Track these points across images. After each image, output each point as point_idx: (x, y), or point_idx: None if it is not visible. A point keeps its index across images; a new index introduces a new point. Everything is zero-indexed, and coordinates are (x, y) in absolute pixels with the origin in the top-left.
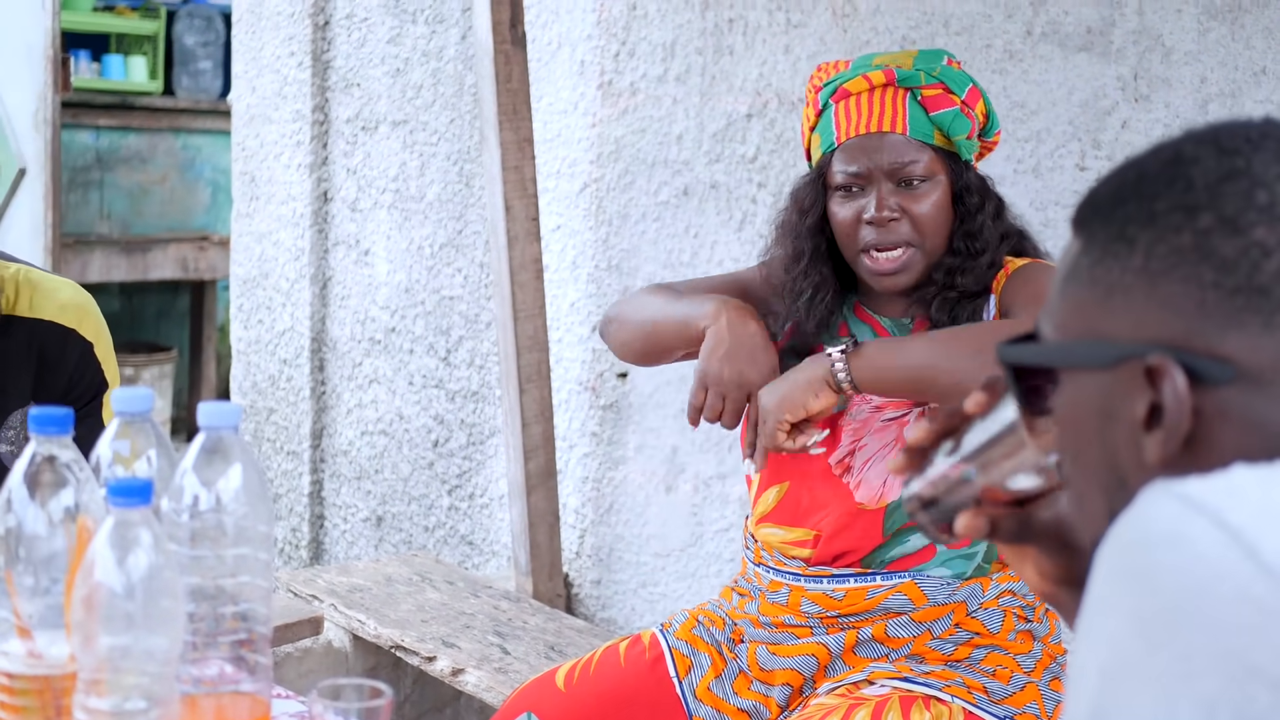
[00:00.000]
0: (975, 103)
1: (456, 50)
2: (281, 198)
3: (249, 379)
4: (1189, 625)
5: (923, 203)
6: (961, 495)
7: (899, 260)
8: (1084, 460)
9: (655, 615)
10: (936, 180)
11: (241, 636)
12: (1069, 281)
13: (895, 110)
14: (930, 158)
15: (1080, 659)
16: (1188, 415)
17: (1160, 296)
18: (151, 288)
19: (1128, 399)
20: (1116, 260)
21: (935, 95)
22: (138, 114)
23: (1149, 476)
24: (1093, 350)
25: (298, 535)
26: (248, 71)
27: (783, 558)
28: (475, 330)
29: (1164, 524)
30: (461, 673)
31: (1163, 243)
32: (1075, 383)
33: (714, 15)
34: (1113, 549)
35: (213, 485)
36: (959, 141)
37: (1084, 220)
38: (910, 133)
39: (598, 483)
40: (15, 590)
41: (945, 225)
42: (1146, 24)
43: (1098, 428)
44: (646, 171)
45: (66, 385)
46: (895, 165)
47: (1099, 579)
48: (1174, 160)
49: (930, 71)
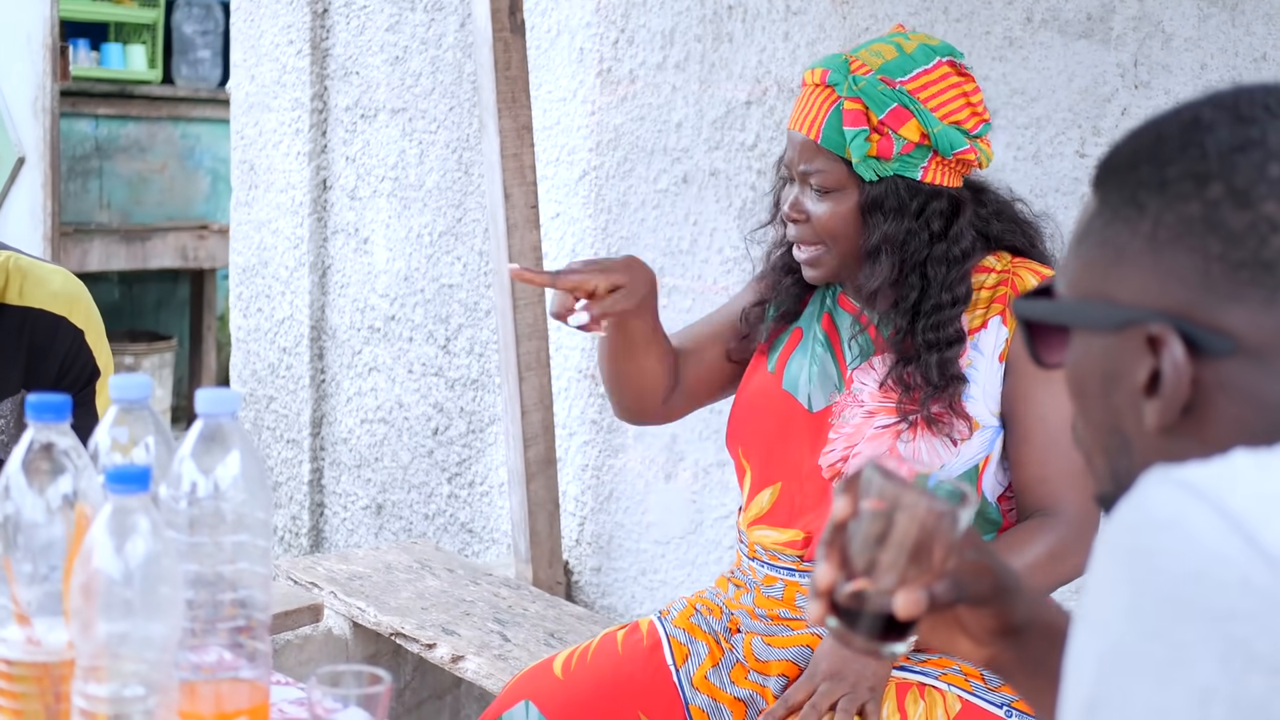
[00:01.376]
0: (899, 124)
1: (455, 38)
2: (281, 186)
3: (249, 367)
4: (1187, 613)
5: (822, 210)
6: (880, 598)
7: (809, 255)
8: (1090, 420)
9: (655, 602)
10: (844, 192)
11: (240, 623)
12: (1082, 241)
13: (817, 115)
14: (840, 170)
15: (1078, 646)
16: (1186, 385)
17: (1165, 265)
18: (151, 276)
19: (1131, 364)
20: (1126, 225)
21: (852, 110)
22: (137, 102)
23: (1150, 443)
24: (1099, 312)
25: (298, 523)
26: (246, 60)
27: (776, 552)
28: (474, 318)
29: (1163, 510)
30: (461, 660)
31: (1171, 211)
32: (1083, 342)
33: (713, 2)
34: (1112, 534)
35: (211, 472)
36: (856, 162)
37: (1101, 180)
38: (822, 141)
39: (597, 470)
40: (14, 577)
41: (849, 237)
42: (1146, 10)
43: (1102, 389)
44: (646, 159)
45: (58, 373)
46: (805, 170)
47: (1098, 565)
48: (1191, 124)
49: (856, 84)
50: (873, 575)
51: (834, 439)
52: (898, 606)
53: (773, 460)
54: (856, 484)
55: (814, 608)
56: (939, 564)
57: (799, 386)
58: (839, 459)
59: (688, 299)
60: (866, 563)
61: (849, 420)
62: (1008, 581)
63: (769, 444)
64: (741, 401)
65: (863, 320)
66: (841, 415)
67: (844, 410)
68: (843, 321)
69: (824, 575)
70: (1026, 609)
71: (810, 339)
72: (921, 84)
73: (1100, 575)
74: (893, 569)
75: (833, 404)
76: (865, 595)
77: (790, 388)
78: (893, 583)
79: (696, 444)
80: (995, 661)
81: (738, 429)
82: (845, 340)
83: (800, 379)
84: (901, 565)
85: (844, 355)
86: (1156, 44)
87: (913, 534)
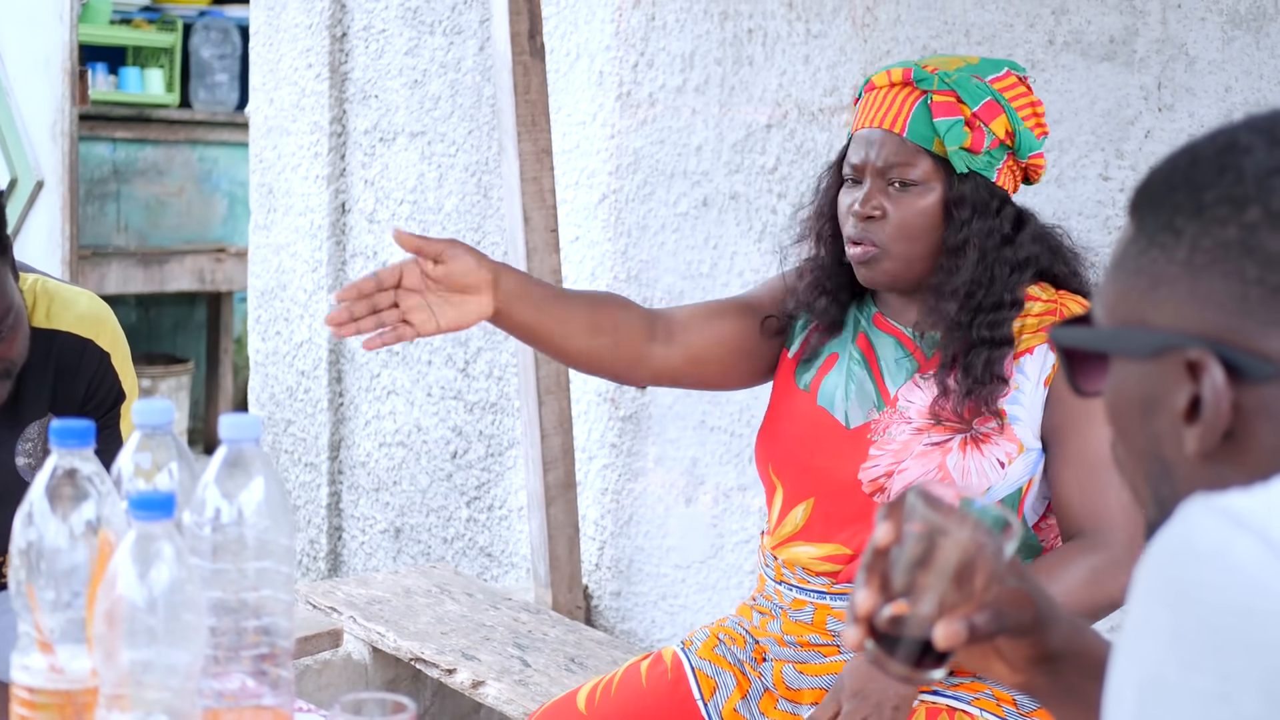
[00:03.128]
0: (991, 118)
1: (474, 61)
2: (299, 209)
3: (267, 390)
4: (1230, 645)
5: (902, 207)
6: (920, 624)
7: (864, 254)
8: (1130, 447)
9: (675, 627)
10: (929, 187)
11: (263, 650)
12: (1119, 267)
13: (900, 110)
14: (926, 164)
15: (1119, 675)
16: (1227, 410)
17: (1203, 290)
18: (168, 299)
19: (1170, 390)
20: (1163, 251)
21: (944, 102)
22: (154, 126)
23: (1190, 469)
24: (1136, 338)
25: (316, 547)
26: (266, 83)
27: (806, 575)
28: (494, 341)
29: (1205, 540)
30: (482, 685)
31: (1208, 235)
32: (1122, 369)
33: (733, 25)
34: (1152, 564)
35: (234, 498)
36: (952, 151)
37: (1137, 206)
38: (908, 134)
39: (617, 494)
40: (37, 604)
41: (918, 235)
42: (1170, 33)
43: (1141, 416)
44: (665, 182)
45: (84, 395)
46: (887, 164)
47: (1138, 594)
48: (1228, 148)
49: (947, 77)
50: (913, 599)
51: (878, 455)
52: (938, 637)
53: (806, 475)
54: (899, 510)
55: (852, 632)
56: (980, 592)
57: (834, 403)
58: (882, 474)
59: None
60: (907, 586)
61: (895, 436)
62: (1048, 611)
63: (802, 459)
64: (772, 419)
65: (904, 340)
66: (886, 432)
67: (888, 427)
68: (881, 342)
69: (864, 600)
70: (1064, 638)
71: (846, 360)
72: (1004, 85)
73: (1141, 605)
74: (933, 594)
75: (871, 420)
76: (904, 621)
77: (825, 404)
78: (933, 608)
79: (717, 468)
80: (1030, 687)
81: (768, 445)
82: (884, 360)
83: (836, 396)
84: (942, 590)
85: (882, 375)
86: (1180, 66)
87: (955, 559)
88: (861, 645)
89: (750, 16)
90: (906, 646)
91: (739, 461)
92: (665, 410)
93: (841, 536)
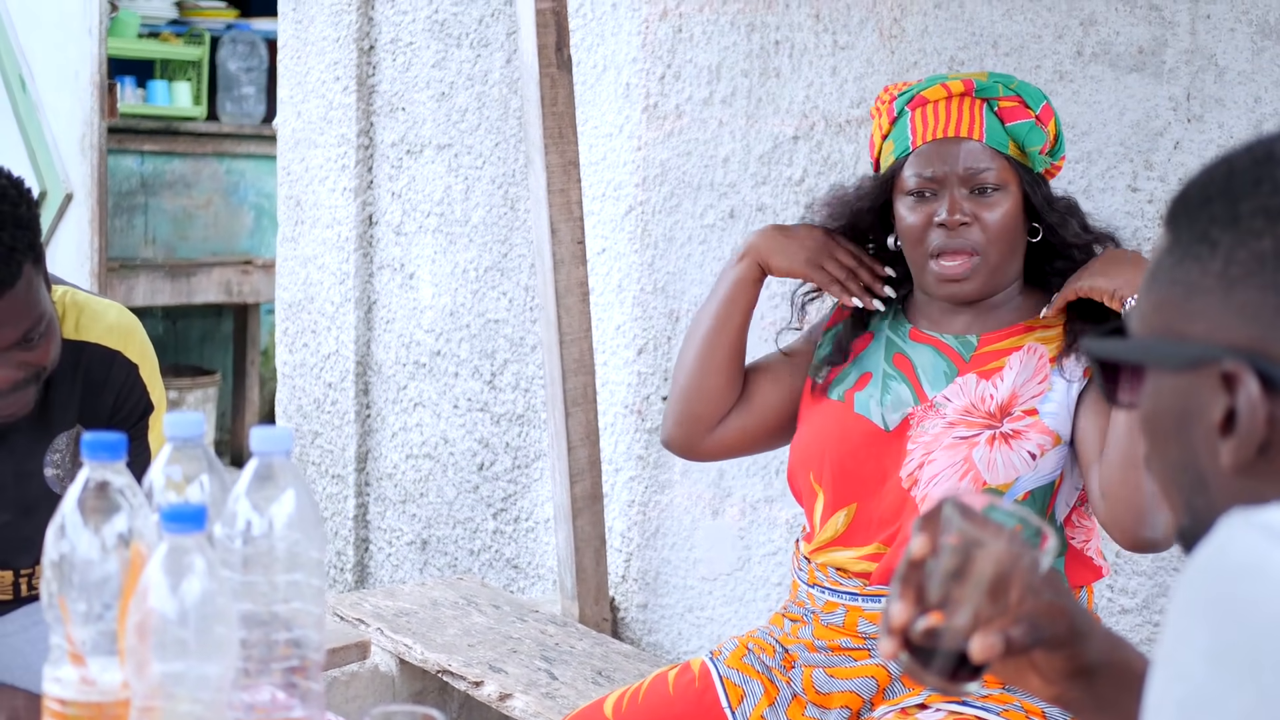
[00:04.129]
0: (1048, 120)
1: (501, 74)
2: (326, 221)
3: (294, 402)
4: (1269, 661)
5: (994, 210)
6: (955, 636)
7: (966, 266)
8: (1165, 458)
9: (703, 640)
10: (1008, 190)
11: (294, 663)
12: (1154, 279)
13: (973, 118)
14: (1003, 167)
15: (1157, 691)
16: (1262, 423)
17: (1238, 301)
18: (195, 311)
19: (1205, 402)
20: (1197, 262)
21: (1011, 107)
22: (182, 139)
23: (1226, 482)
24: (1171, 350)
25: (343, 559)
26: (293, 96)
27: (839, 577)
28: (520, 354)
29: (1243, 555)
30: (509, 698)
31: (1243, 247)
32: (1157, 381)
33: (760, 37)
34: (1191, 579)
35: (265, 511)
36: (1032, 153)
37: (1173, 217)
38: (986, 140)
39: (644, 506)
40: (69, 616)
41: (1012, 238)
42: (1199, 44)
43: (1176, 427)
44: (692, 194)
45: (113, 407)
46: (970, 171)
47: (1176, 610)
48: (1264, 159)
49: (1008, 84)
50: (948, 612)
51: (911, 449)
52: (973, 650)
53: (848, 480)
54: (935, 521)
55: (887, 643)
56: (1016, 604)
57: (871, 410)
58: (916, 467)
59: None
60: (942, 598)
61: (928, 430)
62: (1084, 624)
63: (843, 464)
64: (808, 431)
65: (941, 347)
66: (920, 425)
67: (922, 421)
68: (918, 353)
69: (899, 612)
70: (1100, 650)
71: (880, 376)
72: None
73: (1179, 620)
74: (968, 605)
75: (908, 418)
76: (939, 633)
77: (863, 411)
78: (968, 619)
79: (744, 480)
80: (1063, 700)
81: (806, 455)
82: (920, 368)
83: (871, 403)
84: (977, 602)
85: (920, 382)
86: (1209, 77)
87: (990, 571)
88: (896, 656)
89: (777, 28)
90: (942, 659)
91: (766, 474)
92: None
93: (881, 536)
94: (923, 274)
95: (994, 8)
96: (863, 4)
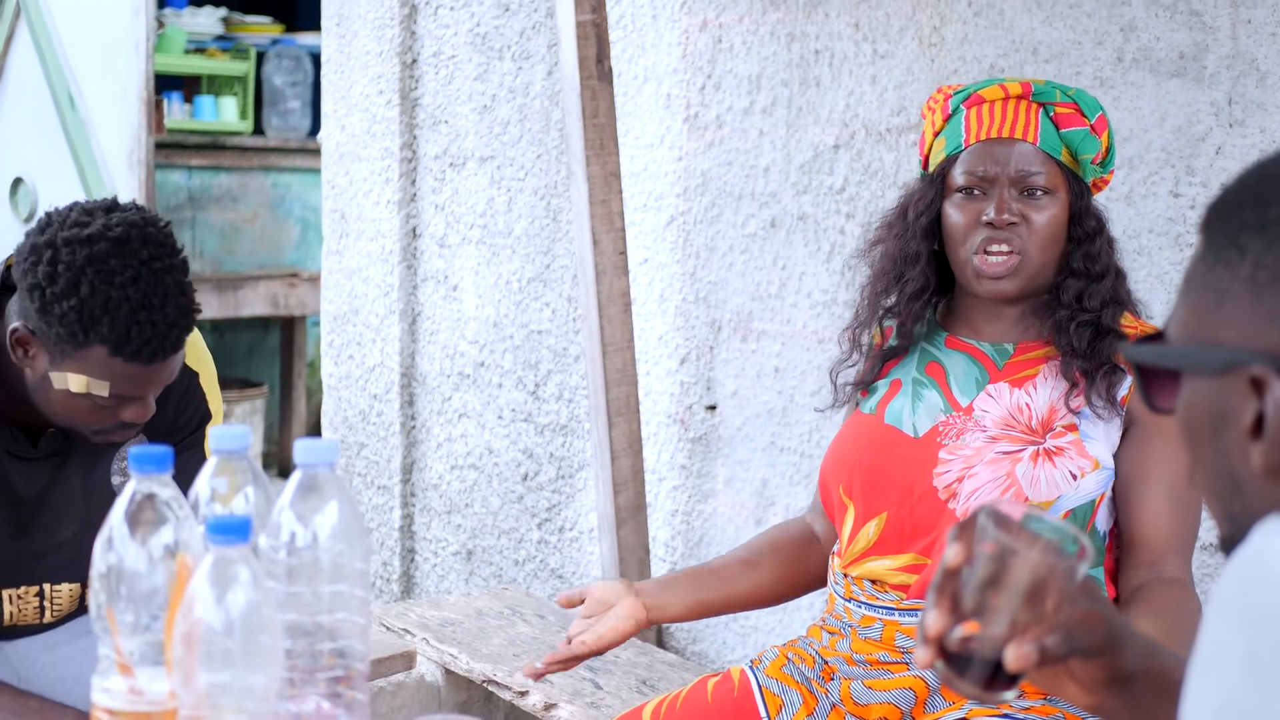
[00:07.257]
0: (1102, 131)
1: (543, 86)
2: (371, 234)
3: (340, 414)
4: None
5: (1041, 213)
6: (990, 645)
7: (1008, 264)
8: (1202, 464)
9: (747, 649)
10: (1057, 196)
11: (339, 673)
12: (1189, 285)
13: (1028, 120)
14: (1055, 172)
15: (1194, 699)
16: None
17: (1266, 306)
18: (242, 324)
19: (1236, 406)
20: (1228, 268)
21: (1067, 113)
22: (228, 153)
23: (1260, 485)
24: (1202, 355)
25: (389, 569)
26: (337, 110)
27: (875, 591)
28: (563, 364)
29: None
30: (554, 708)
31: (1271, 252)
32: (1192, 386)
33: (800, 47)
34: (1226, 587)
35: (310, 522)
36: (1084, 162)
37: (1207, 224)
38: (1040, 143)
39: (687, 516)
40: (116, 627)
41: (1056, 242)
42: (1240, 49)
43: (1211, 432)
44: (733, 204)
45: (174, 414)
46: (1021, 172)
47: (1213, 618)
48: None
49: (1065, 91)
50: (984, 620)
51: (949, 459)
52: (1009, 660)
53: (877, 490)
54: (970, 530)
55: (923, 653)
56: (1052, 613)
57: (902, 419)
58: (955, 479)
59: (777, 343)
60: (978, 607)
61: (969, 443)
62: (1120, 632)
63: (873, 475)
64: (838, 443)
65: (974, 353)
66: (960, 438)
67: (962, 433)
68: (951, 360)
69: (934, 621)
70: (1137, 659)
71: (910, 385)
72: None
73: (1215, 628)
74: (1004, 614)
75: (939, 423)
76: (975, 642)
77: (894, 421)
78: (1004, 628)
79: (787, 489)
80: (1102, 708)
81: (836, 467)
82: (953, 375)
83: (903, 413)
84: (1013, 610)
85: (951, 388)
86: (1251, 82)
87: (1026, 580)
88: (931, 665)
89: (817, 38)
90: (977, 667)
91: (809, 482)
92: (735, 432)
93: (917, 546)
94: (964, 270)
95: (1034, 15)
96: (902, 12)
